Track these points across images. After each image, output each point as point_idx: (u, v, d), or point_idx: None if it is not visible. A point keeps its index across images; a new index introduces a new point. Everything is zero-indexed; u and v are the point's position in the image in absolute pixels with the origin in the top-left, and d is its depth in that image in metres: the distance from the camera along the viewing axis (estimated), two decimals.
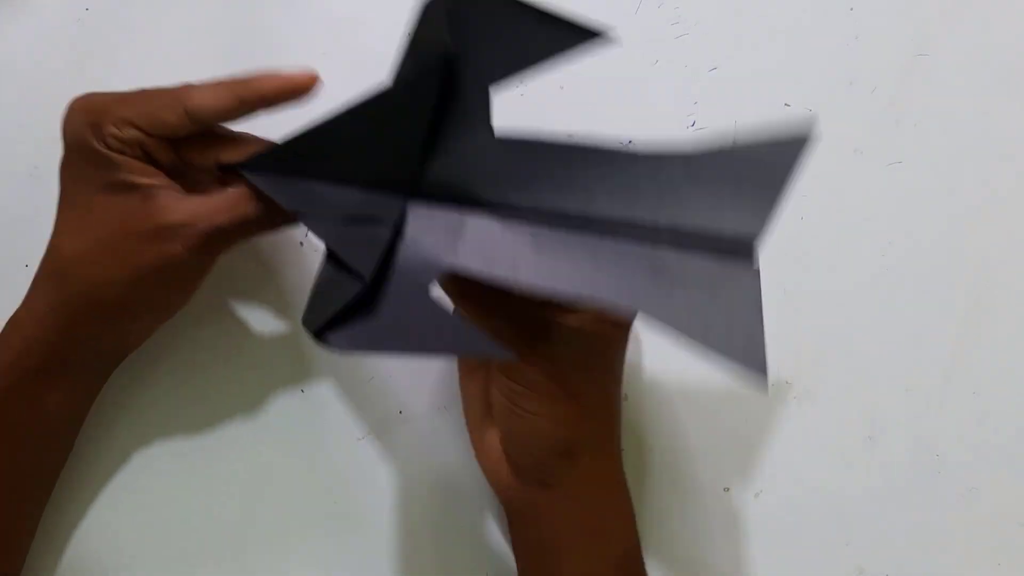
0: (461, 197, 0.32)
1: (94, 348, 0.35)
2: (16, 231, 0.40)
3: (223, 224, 0.32)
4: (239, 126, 0.34)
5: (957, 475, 0.39)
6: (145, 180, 0.32)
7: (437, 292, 0.32)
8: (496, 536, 0.38)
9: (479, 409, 0.35)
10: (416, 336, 0.29)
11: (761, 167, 0.28)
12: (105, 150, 0.32)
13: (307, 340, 0.39)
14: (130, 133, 0.32)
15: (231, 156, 0.33)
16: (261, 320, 0.40)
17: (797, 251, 0.40)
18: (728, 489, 0.39)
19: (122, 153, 0.32)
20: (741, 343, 0.28)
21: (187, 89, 0.33)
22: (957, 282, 0.40)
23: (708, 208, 0.29)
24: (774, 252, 0.40)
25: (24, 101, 0.41)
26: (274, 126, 0.34)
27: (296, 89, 0.32)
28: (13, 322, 0.34)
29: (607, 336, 0.33)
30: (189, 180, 0.34)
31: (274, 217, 0.33)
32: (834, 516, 0.39)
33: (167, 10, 0.41)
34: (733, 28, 0.42)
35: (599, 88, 0.42)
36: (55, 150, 0.40)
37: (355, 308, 0.30)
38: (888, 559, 0.39)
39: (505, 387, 0.33)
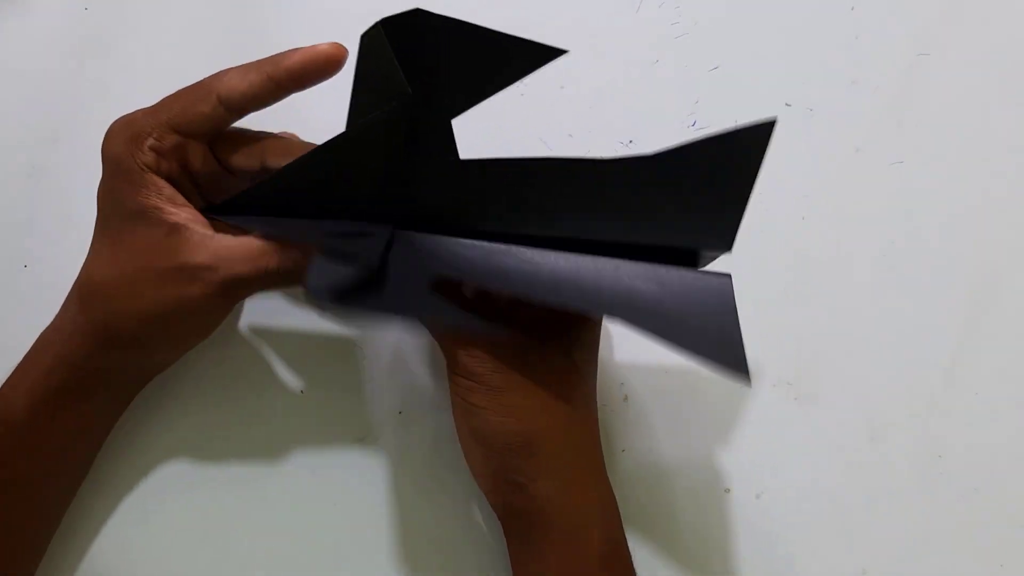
0: (437, 222, 0.32)
1: (118, 373, 0.35)
2: (16, 231, 0.40)
3: (244, 274, 0.31)
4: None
5: (959, 476, 0.39)
6: (172, 212, 0.32)
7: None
8: (496, 536, 0.38)
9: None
10: (400, 303, 0.29)
11: (726, 165, 0.29)
12: (140, 168, 0.32)
13: (307, 342, 0.39)
14: (169, 140, 0.32)
15: (276, 158, 0.33)
16: (261, 322, 0.40)
17: (797, 251, 0.40)
18: (729, 490, 0.39)
19: (158, 172, 0.32)
20: (720, 346, 0.30)
21: (217, 76, 0.32)
22: (958, 282, 0.40)
23: (678, 220, 0.30)
24: (774, 251, 0.40)
25: (24, 101, 0.41)
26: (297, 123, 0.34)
27: (325, 62, 0.31)
28: (43, 340, 0.34)
29: (551, 324, 0.33)
30: (224, 189, 0.34)
31: (299, 272, 0.32)
32: (836, 518, 0.39)
33: (166, 9, 0.41)
34: (734, 27, 0.42)
35: (599, 88, 0.42)
36: (55, 150, 0.40)
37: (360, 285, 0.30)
38: (890, 560, 0.38)
39: (457, 385, 0.32)
